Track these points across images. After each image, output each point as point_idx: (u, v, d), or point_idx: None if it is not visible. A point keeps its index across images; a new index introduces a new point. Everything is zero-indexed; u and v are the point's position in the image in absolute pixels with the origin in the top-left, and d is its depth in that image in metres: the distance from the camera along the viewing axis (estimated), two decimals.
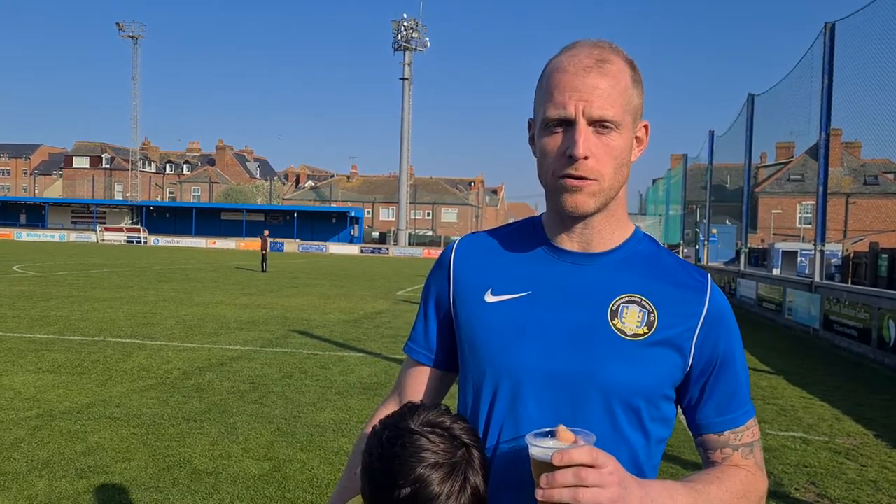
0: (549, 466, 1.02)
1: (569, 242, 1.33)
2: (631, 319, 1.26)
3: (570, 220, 1.30)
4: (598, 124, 1.21)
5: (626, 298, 1.27)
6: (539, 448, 1.04)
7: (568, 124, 1.21)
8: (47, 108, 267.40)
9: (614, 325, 1.25)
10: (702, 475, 1.25)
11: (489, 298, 1.33)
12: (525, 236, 1.39)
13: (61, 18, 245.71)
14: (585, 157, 1.20)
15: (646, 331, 1.25)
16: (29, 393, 7.10)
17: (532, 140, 1.33)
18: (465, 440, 1.21)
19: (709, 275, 1.35)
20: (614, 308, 1.27)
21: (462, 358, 1.38)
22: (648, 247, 1.36)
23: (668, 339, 1.25)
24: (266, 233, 32.98)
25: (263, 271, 29.94)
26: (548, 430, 1.09)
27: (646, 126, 1.32)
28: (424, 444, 1.17)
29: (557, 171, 1.23)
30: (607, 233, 1.32)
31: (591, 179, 1.22)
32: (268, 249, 31.77)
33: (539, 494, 1.02)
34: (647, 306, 1.27)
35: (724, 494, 1.21)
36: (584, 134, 1.20)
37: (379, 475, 1.18)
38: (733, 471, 1.27)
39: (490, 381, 1.30)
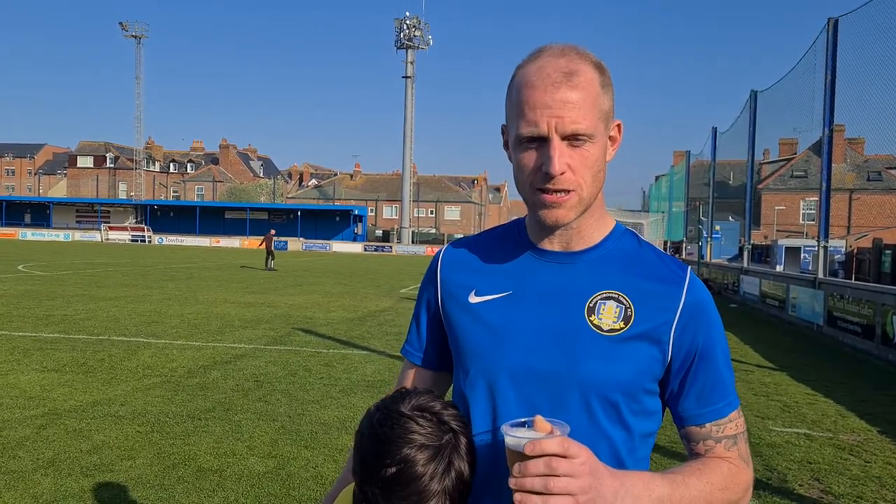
0: (522, 455, 1.04)
1: (549, 243, 1.36)
2: (608, 315, 1.27)
3: (549, 228, 1.32)
4: (572, 138, 1.22)
5: (604, 295, 1.29)
6: (513, 437, 1.07)
7: (541, 141, 1.22)
8: (51, 108, 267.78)
9: (591, 322, 1.27)
10: (683, 467, 1.26)
11: (473, 299, 1.37)
12: (509, 239, 1.43)
13: (64, 18, 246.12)
14: (562, 173, 1.21)
15: (622, 326, 1.26)
16: (34, 392, 7.13)
17: (506, 145, 1.34)
18: (453, 426, 1.25)
19: (689, 267, 1.36)
20: (591, 305, 1.29)
21: (453, 358, 1.44)
22: (629, 242, 1.38)
23: (646, 333, 1.27)
24: (272, 232, 33.03)
25: (267, 269, 29.93)
26: (525, 419, 1.11)
27: (619, 125, 1.33)
28: (412, 427, 1.21)
29: (535, 186, 1.25)
30: (587, 232, 1.34)
31: (570, 192, 1.23)
32: (272, 247, 31.75)
33: (512, 482, 1.04)
34: (625, 301, 1.28)
35: (705, 486, 1.21)
36: (559, 150, 1.20)
37: (368, 454, 1.23)
38: (715, 462, 1.27)
39: (473, 379, 1.34)
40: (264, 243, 32.02)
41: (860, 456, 5.96)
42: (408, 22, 70.36)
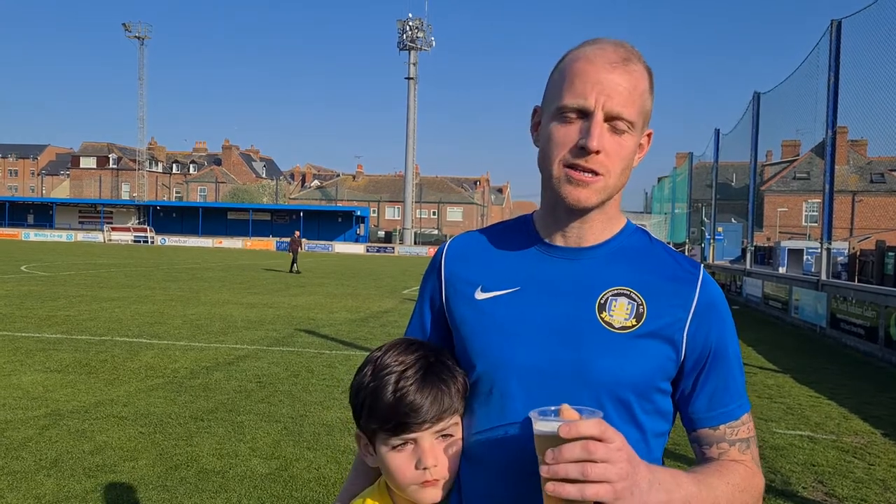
0: (555, 441, 0.98)
1: (560, 239, 1.32)
2: (619, 312, 1.24)
3: (565, 215, 1.29)
4: (614, 122, 1.20)
5: (615, 291, 1.26)
6: (545, 422, 1.01)
7: (584, 115, 1.20)
8: (54, 109, 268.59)
9: (602, 318, 1.24)
10: (703, 467, 1.23)
11: (479, 295, 1.33)
12: (517, 234, 1.39)
13: (67, 19, 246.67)
14: (597, 152, 1.19)
15: (634, 323, 1.23)
16: (37, 392, 7.13)
17: (535, 128, 1.32)
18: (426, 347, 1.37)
19: (702, 266, 1.34)
20: (602, 301, 1.25)
21: (458, 354, 1.39)
22: (640, 239, 1.35)
23: (658, 331, 1.23)
24: (297, 234, 32.75)
25: (293, 272, 28.96)
26: (552, 408, 1.06)
27: (649, 134, 1.31)
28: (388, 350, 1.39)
29: (565, 161, 1.22)
30: (599, 228, 1.31)
31: (598, 175, 1.21)
32: (294, 249, 31.13)
33: (544, 470, 0.98)
34: (637, 298, 1.25)
35: (727, 487, 1.18)
36: (601, 128, 1.19)
37: (353, 396, 1.36)
38: (732, 465, 1.24)
39: (480, 377, 1.30)
40: (294, 246, 31.20)
41: (864, 458, 5.94)
42: (410, 23, 70.40)
